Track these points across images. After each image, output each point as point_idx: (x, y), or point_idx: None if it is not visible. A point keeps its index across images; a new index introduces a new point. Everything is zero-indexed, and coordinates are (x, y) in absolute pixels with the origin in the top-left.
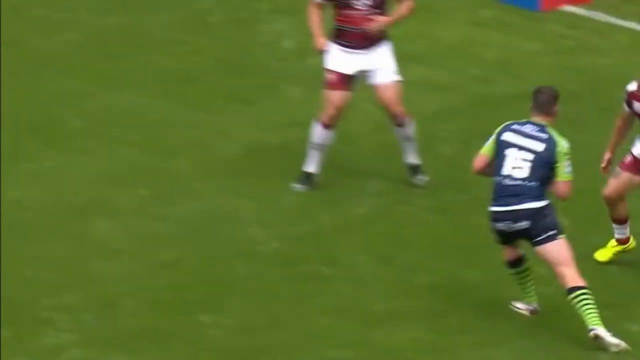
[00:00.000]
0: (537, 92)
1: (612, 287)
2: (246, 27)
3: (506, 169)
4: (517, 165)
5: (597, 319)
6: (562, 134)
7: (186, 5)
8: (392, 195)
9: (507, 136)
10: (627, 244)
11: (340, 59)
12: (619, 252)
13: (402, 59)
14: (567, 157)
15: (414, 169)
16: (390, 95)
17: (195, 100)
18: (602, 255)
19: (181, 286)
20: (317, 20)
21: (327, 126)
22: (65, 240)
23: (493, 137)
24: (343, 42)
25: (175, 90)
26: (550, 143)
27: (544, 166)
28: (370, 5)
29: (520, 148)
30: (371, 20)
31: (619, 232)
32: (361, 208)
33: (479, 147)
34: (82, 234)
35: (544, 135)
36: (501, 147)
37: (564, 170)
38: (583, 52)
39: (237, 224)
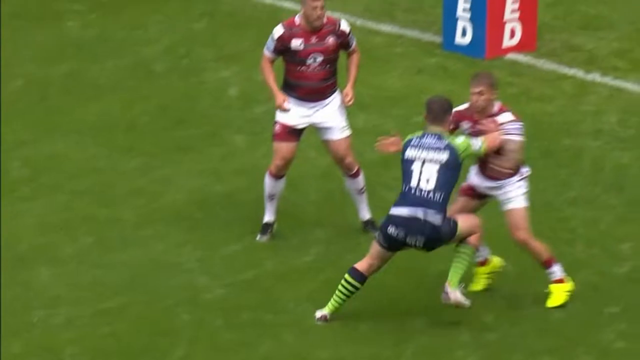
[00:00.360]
0: (431, 103)
1: (555, 333)
2: (191, 75)
3: (414, 182)
4: (424, 178)
5: (457, 278)
6: None
7: (131, 53)
8: (337, 243)
9: (409, 153)
10: (489, 264)
11: (289, 112)
12: (489, 273)
13: (347, 107)
14: (467, 146)
15: (369, 224)
16: (343, 151)
17: (139, 148)
18: (477, 284)
19: (124, 334)
20: (271, 75)
21: (275, 177)
22: (8, 288)
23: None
24: (294, 96)
25: (120, 138)
26: (451, 149)
27: (452, 173)
28: (322, 61)
29: (425, 161)
30: (321, 75)
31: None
32: (306, 256)
33: None
34: (25, 282)
35: (443, 144)
36: (406, 164)
37: (474, 149)
38: (527, 99)
39: (181, 272)
